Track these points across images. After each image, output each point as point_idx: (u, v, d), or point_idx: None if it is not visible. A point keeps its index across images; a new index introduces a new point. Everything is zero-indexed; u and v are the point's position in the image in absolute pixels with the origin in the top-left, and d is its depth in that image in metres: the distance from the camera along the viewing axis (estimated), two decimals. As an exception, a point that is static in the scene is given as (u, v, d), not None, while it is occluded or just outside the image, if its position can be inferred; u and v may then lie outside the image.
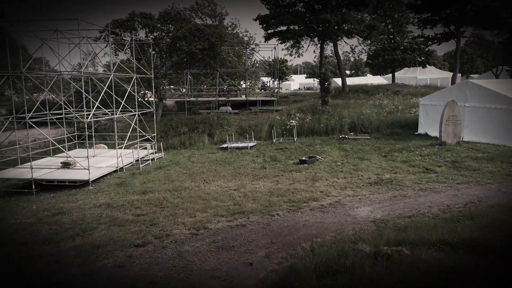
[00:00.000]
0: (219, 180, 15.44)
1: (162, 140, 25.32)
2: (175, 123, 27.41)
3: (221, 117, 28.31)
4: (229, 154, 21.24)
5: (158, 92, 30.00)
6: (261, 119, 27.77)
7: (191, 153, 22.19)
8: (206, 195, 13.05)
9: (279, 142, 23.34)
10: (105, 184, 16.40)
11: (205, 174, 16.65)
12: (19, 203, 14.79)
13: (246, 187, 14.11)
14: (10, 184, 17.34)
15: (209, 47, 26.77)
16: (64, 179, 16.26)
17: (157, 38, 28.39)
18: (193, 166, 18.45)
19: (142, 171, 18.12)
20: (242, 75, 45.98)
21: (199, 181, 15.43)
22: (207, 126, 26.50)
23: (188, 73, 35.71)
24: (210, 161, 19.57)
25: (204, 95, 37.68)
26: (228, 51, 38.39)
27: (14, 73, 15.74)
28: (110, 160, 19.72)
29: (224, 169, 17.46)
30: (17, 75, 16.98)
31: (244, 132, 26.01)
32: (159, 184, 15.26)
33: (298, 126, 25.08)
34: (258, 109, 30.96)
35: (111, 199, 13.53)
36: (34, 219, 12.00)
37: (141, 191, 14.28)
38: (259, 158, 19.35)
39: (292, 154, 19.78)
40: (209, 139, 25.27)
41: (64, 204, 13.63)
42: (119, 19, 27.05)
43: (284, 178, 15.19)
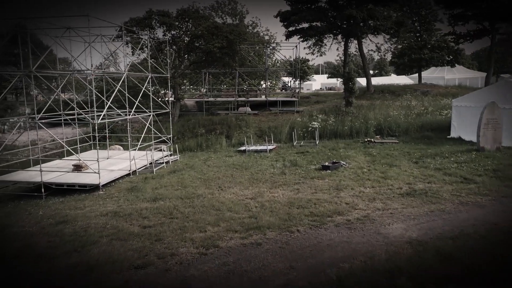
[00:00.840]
0: (235, 187, 14.36)
1: (178, 142, 24.49)
2: (192, 124, 26.55)
3: (240, 118, 27.28)
4: (247, 157, 20.15)
5: (175, 92, 29.23)
6: (281, 121, 26.57)
7: (208, 156, 21.22)
8: (220, 205, 11.98)
9: (300, 146, 22.09)
10: (116, 188, 15.59)
11: (221, 180, 15.60)
12: (27, 208, 14.15)
13: (264, 195, 12.97)
14: (20, 187, 16.77)
15: (227, 45, 25.76)
16: (74, 183, 15.55)
17: (175, 36, 27.61)
18: (208, 171, 17.45)
19: (155, 175, 17.24)
20: (262, 75, 44.90)
21: (213, 188, 14.40)
22: (225, 127, 25.51)
23: (206, 73, 34.85)
24: (226, 165, 18.53)
25: (223, 95, 36.77)
26: (248, 50, 37.38)
27: (24, 72, 15.12)
28: (124, 162, 18.96)
29: (241, 175, 16.38)
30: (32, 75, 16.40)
31: (263, 134, 24.89)
32: (171, 191, 14.31)
33: (321, 128, 23.77)
34: (278, 110, 29.78)
35: (119, 207, 12.65)
36: (36, 227, 11.23)
37: (152, 198, 13.35)
38: (279, 163, 18.18)
39: (314, 158, 18.51)
40: (227, 141, 24.27)
41: (71, 210, 12.85)
42: (136, 17, 26.42)
43: (305, 186, 13.96)
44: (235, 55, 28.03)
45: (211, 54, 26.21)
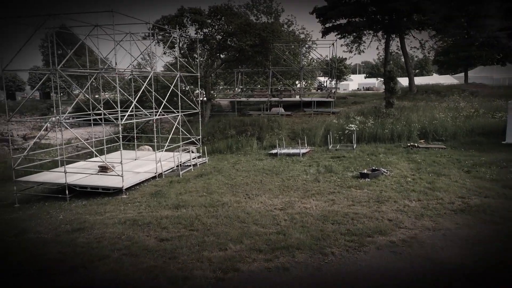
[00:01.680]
0: (264, 195, 13.20)
1: (207, 143, 23.68)
2: (222, 125, 25.67)
3: (272, 119, 26.10)
4: (278, 161, 18.95)
5: (206, 92, 28.51)
6: (316, 122, 25.12)
7: (237, 159, 20.21)
8: (246, 216, 10.87)
9: (336, 149, 20.59)
10: (140, 192, 14.89)
11: (249, 186, 14.51)
12: (49, 211, 13.75)
13: (295, 206, 11.73)
14: (46, 188, 16.49)
15: (260, 43, 24.66)
16: (97, 185, 15.02)
17: (207, 35, 26.87)
18: (236, 175, 16.42)
19: (181, 179, 16.43)
20: (297, 74, 43.44)
21: (240, 195, 13.32)
22: (257, 128, 24.43)
23: (239, 72, 33.96)
24: (256, 169, 17.43)
25: (256, 95, 35.70)
26: (282, 49, 36.11)
27: (48, 71, 14.73)
28: (151, 164, 18.31)
29: (271, 181, 15.21)
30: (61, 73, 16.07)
31: (296, 136, 23.58)
32: (196, 197, 13.38)
33: (358, 131, 22.13)
34: (313, 111, 28.31)
35: (140, 214, 11.85)
36: (52, 234, 10.63)
37: (174, 205, 12.47)
38: (312, 168, 16.84)
39: (351, 164, 17.01)
40: (258, 144, 23.17)
41: (90, 216, 12.21)
42: (168, 15, 25.91)
43: (341, 196, 12.57)
44: (268, 53, 26.87)
45: (243, 53, 25.22)
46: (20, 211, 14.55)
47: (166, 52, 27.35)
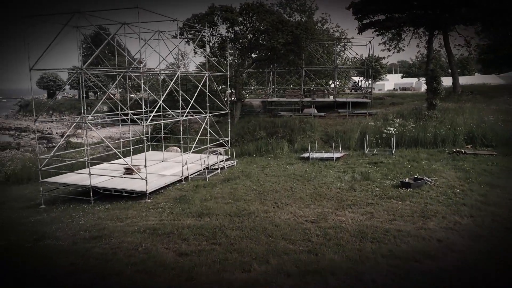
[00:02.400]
0: (294, 204, 12.16)
1: (237, 145, 22.88)
2: (252, 126, 24.78)
3: (304, 120, 24.93)
4: (311, 166, 17.82)
5: (236, 92, 27.74)
6: (351, 125, 23.71)
7: (267, 163, 19.25)
8: (273, 229, 9.89)
9: (373, 154, 19.17)
10: (164, 197, 14.25)
11: (278, 194, 13.50)
12: (72, 214, 13.39)
13: (328, 218, 10.62)
14: (71, 190, 16.21)
15: (293, 41, 23.57)
16: (121, 188, 14.51)
17: (238, 33, 26.10)
18: (265, 181, 15.46)
19: (207, 183, 15.66)
20: (330, 74, 41.93)
21: (268, 204, 12.35)
22: (288, 130, 23.36)
23: (270, 71, 32.98)
24: (286, 174, 16.39)
25: (288, 96, 34.61)
26: (316, 48, 34.79)
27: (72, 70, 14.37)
28: (178, 166, 17.63)
29: (302, 188, 14.13)
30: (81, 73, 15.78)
31: (329, 139, 22.31)
32: (221, 204, 12.53)
33: (397, 134, 20.56)
34: (348, 112, 26.86)
35: (161, 222, 11.15)
36: (69, 241, 10.12)
37: (198, 213, 11.69)
38: (347, 175, 15.60)
39: (390, 171, 15.62)
40: (289, 146, 22.09)
41: (111, 222, 11.66)
42: (198, 14, 25.35)
43: (380, 208, 11.32)
44: (301, 52, 25.72)
45: (275, 51, 24.23)
46: (45, 213, 14.30)
47: (196, 51, 26.85)
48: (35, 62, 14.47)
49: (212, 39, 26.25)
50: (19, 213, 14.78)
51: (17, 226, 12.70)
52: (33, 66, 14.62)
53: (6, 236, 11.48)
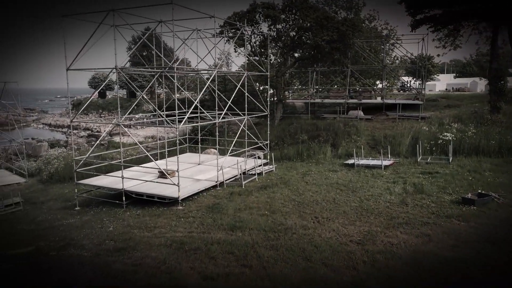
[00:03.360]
0: (337, 220, 10.85)
1: (276, 149, 21.75)
2: (293, 128, 23.52)
3: (349, 123, 23.29)
4: (356, 174, 16.32)
5: (277, 93, 26.60)
6: (401, 129, 21.77)
7: (308, 169, 17.96)
8: (313, 250, 8.68)
9: (426, 163, 17.26)
10: (197, 204, 13.44)
11: (319, 206, 12.23)
12: (103, 218, 12.97)
13: (376, 240, 9.23)
14: (104, 193, 15.87)
15: (338, 38, 22.03)
16: (153, 194, 13.90)
17: (280, 31, 24.95)
18: (305, 190, 14.22)
19: (243, 190, 14.69)
20: (378, 74, 39.60)
21: (308, 218, 11.13)
22: (331, 134, 21.86)
23: (314, 71, 31.51)
24: (329, 183, 15.04)
25: (332, 97, 32.94)
26: (363, 46, 32.83)
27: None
28: (214, 170, 16.79)
29: (347, 200, 12.74)
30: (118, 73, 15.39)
31: (377, 144, 20.57)
32: (256, 216, 11.49)
33: (455, 141, 18.45)
34: (398, 115, 24.84)
35: (190, 234, 10.30)
36: (93, 252, 9.54)
37: (230, 225, 10.72)
38: (397, 186, 13.98)
39: (448, 184, 13.80)
40: (332, 151, 20.62)
41: (139, 231, 11.00)
42: (239, 11, 24.50)
43: (438, 230, 9.73)
44: (347, 50, 24.08)
45: (319, 49, 22.81)
46: (78, 215, 14.04)
47: (236, 50, 26.03)
48: (72, 61, 14.23)
49: (253, 38, 25.30)
50: (55, 215, 14.66)
51: (49, 230, 12.46)
52: (70, 66, 14.40)
53: (36, 241, 11.19)
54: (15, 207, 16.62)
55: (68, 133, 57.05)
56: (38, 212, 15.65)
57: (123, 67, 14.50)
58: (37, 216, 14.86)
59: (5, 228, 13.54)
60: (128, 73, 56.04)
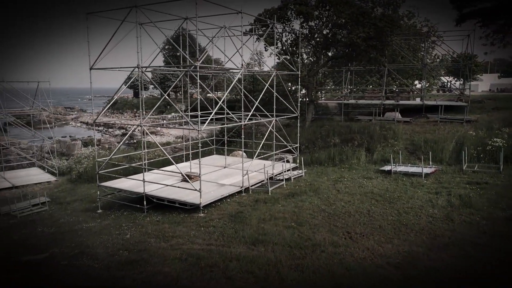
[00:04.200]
0: (372, 236, 9.68)
1: (306, 152, 20.63)
2: (325, 131, 22.28)
3: (386, 126, 21.77)
4: (393, 182, 14.96)
5: (309, 93, 25.41)
6: (444, 133, 20.05)
7: (340, 175, 16.74)
8: (343, 273, 7.61)
9: (473, 171, 15.59)
10: (219, 212, 12.63)
11: (352, 219, 11.07)
12: (122, 224, 12.45)
13: (418, 264, 8.02)
14: (126, 196, 15.40)
15: (375, 35, 20.59)
16: (174, 199, 13.22)
17: (313, 28, 23.75)
18: (336, 199, 13.07)
19: (269, 198, 13.74)
20: (417, 73, 37.38)
21: (339, 233, 10.02)
22: (366, 137, 20.47)
23: (348, 70, 30.03)
24: (363, 192, 13.80)
25: (367, 97, 31.29)
26: (400, 44, 30.95)
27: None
28: (240, 174, 15.89)
29: (383, 213, 11.50)
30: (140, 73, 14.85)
31: (416, 150, 18.98)
32: (281, 228, 10.51)
33: (507, 147, 16.61)
34: (439, 118, 23.00)
35: (208, 247, 9.48)
36: (104, 264, 8.94)
37: (252, 238, 9.81)
38: (441, 198, 12.55)
39: (501, 197, 12.22)
40: (367, 156, 19.24)
41: (156, 240, 10.33)
42: (270, 8, 23.54)
43: (492, 254, 8.34)
44: (384, 48, 22.53)
45: (354, 47, 21.46)
46: (99, 219, 13.62)
47: (267, 48, 25.07)
48: (95, 60, 13.82)
49: (284, 36, 24.27)
50: (77, 217, 14.34)
51: (68, 234, 12.07)
52: (93, 65, 14.00)
53: (52, 246, 10.78)
54: (41, 207, 16.51)
55: (103, 131, 58.18)
56: (62, 213, 15.42)
57: (147, 66, 13.91)
58: (60, 217, 14.60)
59: (27, 230, 13.31)
60: (161, 72, 56.62)
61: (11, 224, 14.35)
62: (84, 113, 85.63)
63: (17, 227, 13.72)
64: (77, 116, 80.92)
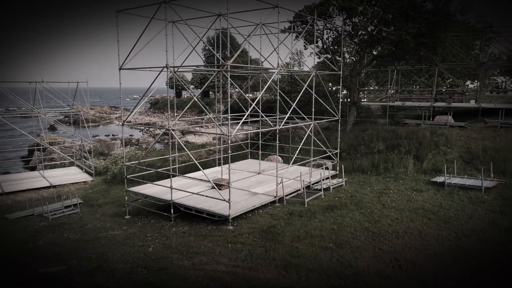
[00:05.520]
0: (426, 265, 8.18)
1: (347, 159, 19.08)
2: (368, 135, 20.56)
3: (437, 132, 19.71)
4: (447, 197, 13.18)
5: (351, 95, 23.75)
6: (507, 140, 17.76)
7: (385, 186, 15.12)
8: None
9: (545, 187, 13.45)
10: (249, 225, 11.56)
11: (401, 241, 9.58)
12: (147, 234, 11.70)
13: (488, 309, 6.47)
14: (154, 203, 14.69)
15: (427, 31, 18.64)
16: (202, 209, 12.29)
17: (357, 24, 22.10)
18: (382, 215, 11.57)
19: (305, 210, 12.48)
20: (470, 73, 34.41)
21: (386, 259, 8.59)
22: (414, 144, 18.59)
23: (395, 70, 27.97)
24: (412, 208, 12.18)
25: (414, 99, 28.99)
26: (452, 41, 28.38)
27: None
28: (274, 181, 14.70)
29: (437, 234, 9.91)
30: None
31: (473, 159, 16.89)
32: (317, 249, 9.24)
33: None
34: (500, 123, 20.54)
35: (234, 270, 8.41)
36: (120, 283, 8.08)
37: (284, 261, 8.63)
38: (507, 218, 10.71)
39: None
40: (415, 165, 17.40)
41: (179, 257, 9.44)
42: (311, 4, 22.17)
43: None
44: (437, 45, 20.42)
45: (402, 45, 19.60)
46: (126, 226, 13.02)
47: (306, 47, 23.71)
48: (124, 60, 13.21)
49: (325, 33, 22.80)
50: (105, 222, 13.83)
51: (91, 243, 11.48)
52: (123, 65, 13.40)
53: (73, 257, 10.18)
54: (73, 209, 16.26)
55: (144, 130, 59.01)
56: (91, 217, 15.02)
57: (177, 66, 13.11)
58: (88, 222, 14.16)
59: (54, 235, 12.92)
60: (202, 72, 56.59)
61: (41, 227, 14.09)
62: (127, 112, 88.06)
63: (45, 231, 13.40)
64: (120, 116, 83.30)
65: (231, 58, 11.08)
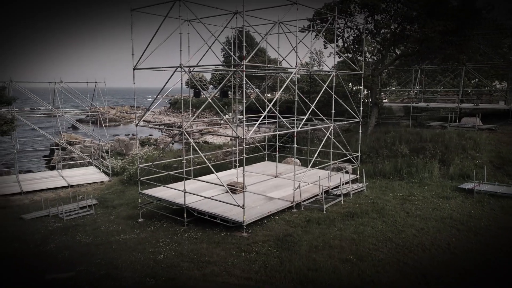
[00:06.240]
0: (456, 284, 7.45)
1: (368, 162, 18.28)
2: (391, 138, 19.69)
3: (465, 135, 18.68)
4: (477, 205, 12.31)
5: (372, 95, 22.88)
6: (540, 144, 16.65)
7: (408, 192, 14.32)
8: None
9: None
10: (265, 232, 11.02)
11: (427, 255, 8.86)
12: (159, 239, 11.34)
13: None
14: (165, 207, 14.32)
15: (455, 28, 17.66)
16: (216, 214, 11.83)
17: (379, 22, 21.24)
18: (406, 225, 10.84)
19: (323, 217, 11.85)
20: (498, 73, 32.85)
21: (411, 275, 7.92)
22: (440, 147, 17.65)
23: (419, 69, 26.88)
24: (439, 217, 11.39)
25: (439, 100, 27.83)
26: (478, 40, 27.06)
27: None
28: (291, 186, 14.12)
29: (467, 247, 9.14)
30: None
31: (505, 164, 15.86)
32: (336, 262, 8.62)
33: None
34: (532, 125, 19.37)
35: (246, 283, 7.93)
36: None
37: (300, 275, 8.07)
38: (546, 232, 9.82)
39: None
40: (441, 170, 16.48)
41: (189, 266, 8.98)
42: (332, 1, 21.42)
43: None
44: (465, 43, 19.36)
45: (427, 43, 18.65)
46: (138, 229, 12.72)
47: (326, 46, 22.99)
48: (138, 60, 12.89)
49: (346, 32, 22.02)
50: (118, 225, 13.57)
51: (102, 247, 11.19)
52: (137, 65, 13.09)
53: (82, 262, 9.89)
54: (88, 210, 16.12)
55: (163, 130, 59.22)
56: (104, 219, 14.80)
57: (191, 66, 12.70)
58: (101, 224, 13.93)
59: (66, 238, 12.73)
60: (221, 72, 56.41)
61: (54, 228, 13.94)
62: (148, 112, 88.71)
63: (59, 233, 13.23)
64: (140, 115, 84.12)
65: (246, 58, 10.56)
